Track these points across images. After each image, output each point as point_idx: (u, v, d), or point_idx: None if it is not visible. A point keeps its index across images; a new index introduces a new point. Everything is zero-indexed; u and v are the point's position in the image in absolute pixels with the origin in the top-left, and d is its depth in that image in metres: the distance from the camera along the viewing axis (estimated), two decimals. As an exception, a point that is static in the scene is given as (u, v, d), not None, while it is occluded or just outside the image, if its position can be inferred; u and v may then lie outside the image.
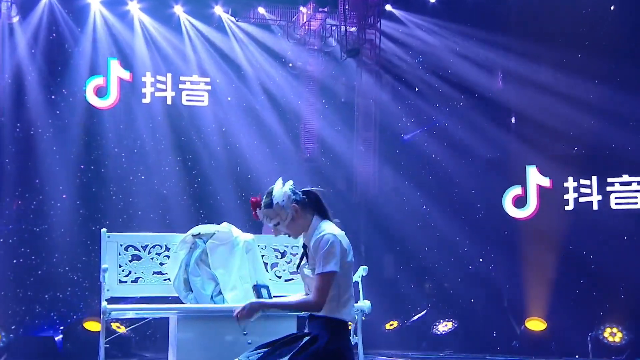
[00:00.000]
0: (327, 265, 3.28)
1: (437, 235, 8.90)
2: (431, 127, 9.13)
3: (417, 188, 9.10)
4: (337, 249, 3.30)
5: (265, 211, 3.39)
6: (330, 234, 3.31)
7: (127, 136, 8.56)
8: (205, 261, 4.44)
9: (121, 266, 4.35)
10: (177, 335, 4.19)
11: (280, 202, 3.37)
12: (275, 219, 3.38)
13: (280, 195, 3.40)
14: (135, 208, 8.47)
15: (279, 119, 9.02)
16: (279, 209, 3.36)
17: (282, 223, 3.38)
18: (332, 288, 3.32)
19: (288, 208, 3.37)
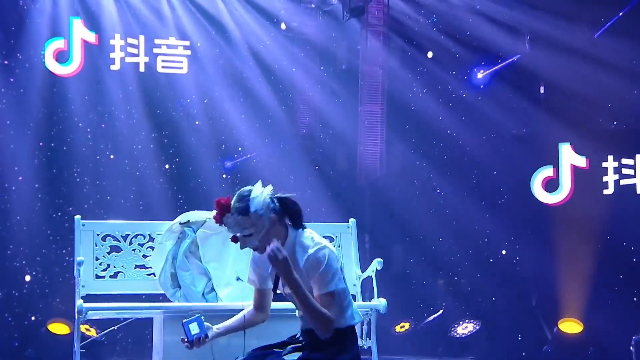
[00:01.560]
0: (333, 282, 3.30)
1: (454, 224, 8.94)
2: (447, 99, 9.14)
3: (431, 169, 9.11)
4: (337, 261, 3.36)
5: (237, 219, 3.31)
6: (322, 247, 3.33)
7: (93, 108, 8.52)
8: (196, 253, 4.47)
9: (98, 259, 4.39)
10: (163, 339, 4.22)
11: (259, 210, 3.31)
12: (250, 229, 3.32)
13: (260, 202, 3.33)
14: (103, 192, 8.45)
15: (270, 89, 8.99)
16: (256, 218, 3.30)
17: (255, 235, 3.32)
18: None
19: (266, 219, 3.31)
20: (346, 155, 9.33)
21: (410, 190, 9.13)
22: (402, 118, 9.25)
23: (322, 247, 3.32)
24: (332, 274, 3.28)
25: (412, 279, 8.97)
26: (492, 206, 8.82)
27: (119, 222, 4.51)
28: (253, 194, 3.33)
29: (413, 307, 8.76)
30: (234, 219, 3.31)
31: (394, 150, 9.25)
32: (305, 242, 3.35)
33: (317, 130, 9.21)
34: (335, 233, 4.85)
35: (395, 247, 9.11)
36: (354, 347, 3.45)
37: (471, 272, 8.84)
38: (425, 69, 9.16)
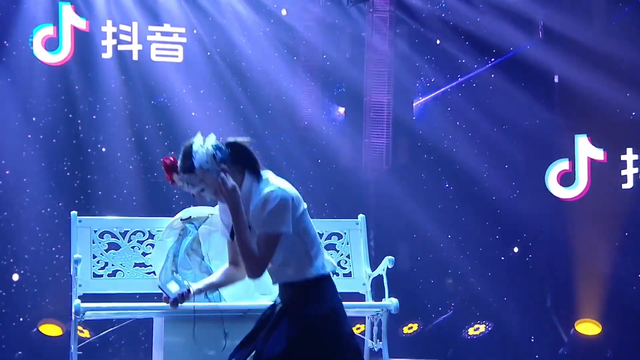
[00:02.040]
0: (277, 225, 3.33)
1: (462, 220, 8.94)
2: (455, 89, 9.13)
3: (438, 162, 9.12)
4: (287, 206, 3.36)
5: (185, 177, 3.37)
6: (279, 188, 3.35)
7: (84, 99, 8.50)
8: (198, 251, 4.47)
9: (95, 257, 4.40)
10: (163, 340, 4.23)
11: (203, 165, 3.35)
12: (200, 185, 3.37)
13: (203, 156, 3.37)
14: (94, 187, 8.44)
15: (270, 79, 8.98)
16: (203, 173, 3.34)
17: (207, 190, 3.37)
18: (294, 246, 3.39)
19: (214, 171, 3.34)
20: (350, 149, 9.33)
21: (417, 185, 9.13)
22: (408, 109, 9.24)
23: (276, 189, 3.34)
24: (275, 216, 3.31)
25: (420, 278, 8.98)
26: (504, 201, 8.82)
27: (118, 219, 4.51)
28: (194, 149, 3.38)
29: (421, 308, 8.77)
30: (182, 178, 3.37)
31: (401, 143, 9.26)
32: (261, 185, 3.38)
33: (319, 122, 9.21)
34: (343, 229, 4.85)
35: (402, 245, 9.12)
36: (331, 298, 3.45)
37: (482, 270, 8.85)
38: (434, 57, 9.15)
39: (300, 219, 3.45)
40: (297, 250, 3.45)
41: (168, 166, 3.41)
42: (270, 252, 3.37)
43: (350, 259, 4.84)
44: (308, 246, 3.45)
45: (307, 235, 3.47)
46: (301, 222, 3.45)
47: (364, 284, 4.80)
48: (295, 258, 3.45)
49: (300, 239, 3.45)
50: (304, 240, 3.46)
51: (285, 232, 3.36)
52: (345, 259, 4.82)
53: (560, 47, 8.68)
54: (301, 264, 3.44)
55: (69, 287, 5.42)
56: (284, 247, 3.43)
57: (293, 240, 3.44)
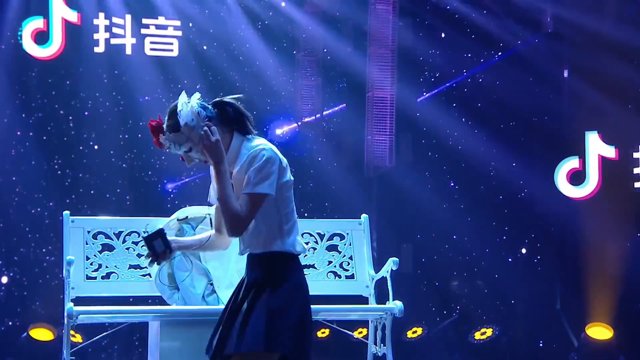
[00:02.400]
0: (261, 184, 3.34)
1: (468, 220, 8.95)
2: (461, 84, 9.13)
3: (443, 160, 9.13)
4: (275, 166, 3.38)
5: (171, 136, 3.42)
6: (264, 148, 3.39)
7: (76, 94, 8.51)
8: (195, 252, 4.45)
9: (89, 258, 4.39)
10: (159, 345, 4.23)
11: (189, 122, 3.40)
12: (186, 144, 3.41)
13: (188, 113, 3.43)
14: (86, 186, 8.45)
15: (269, 74, 8.98)
16: (189, 130, 3.40)
17: (194, 148, 3.41)
18: (269, 215, 3.40)
19: (200, 128, 3.39)
20: (352, 146, 9.33)
21: (422, 184, 9.13)
22: (412, 105, 9.25)
23: (264, 148, 3.38)
24: (261, 175, 3.34)
25: (424, 280, 8.99)
26: (512, 200, 8.83)
27: (112, 219, 4.52)
28: (179, 107, 3.45)
29: (425, 311, 8.78)
30: (168, 138, 3.42)
31: (405, 140, 9.26)
32: (249, 144, 3.43)
33: (320, 118, 9.21)
34: (346, 230, 4.85)
35: (405, 246, 9.14)
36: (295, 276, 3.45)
37: (488, 272, 8.86)
38: (439, 50, 9.15)
39: (283, 188, 3.44)
40: (272, 220, 3.44)
41: (154, 127, 3.46)
42: (252, 211, 3.36)
43: (353, 261, 4.84)
44: (283, 219, 3.45)
45: (285, 207, 3.46)
46: (283, 192, 3.44)
47: (367, 287, 4.79)
48: (267, 228, 3.44)
49: (277, 209, 3.43)
50: (280, 211, 3.44)
51: (269, 194, 3.36)
52: (347, 260, 4.82)
53: (569, 40, 8.68)
54: (272, 235, 3.43)
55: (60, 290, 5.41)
56: (259, 213, 3.41)
57: (270, 209, 3.42)
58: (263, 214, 3.42)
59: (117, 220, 4.51)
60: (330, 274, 4.69)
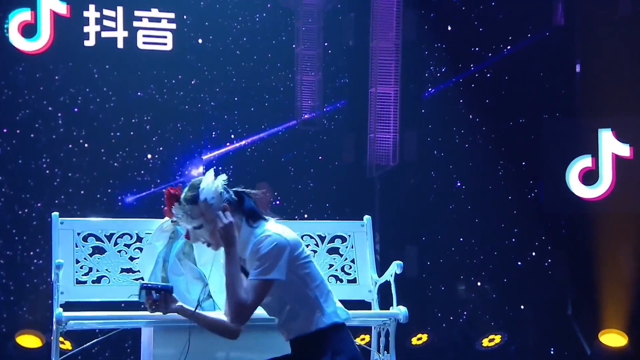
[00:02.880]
0: (267, 270, 3.48)
1: (476, 221, 8.97)
2: (468, 79, 9.13)
3: (450, 159, 9.13)
4: (283, 252, 3.51)
5: (187, 208, 3.58)
6: (275, 233, 3.52)
7: (65, 90, 8.52)
8: (190, 255, 4.46)
9: (79, 261, 4.39)
10: (152, 352, 4.23)
11: (209, 199, 3.56)
12: (198, 219, 3.58)
13: (210, 191, 3.58)
14: (76, 186, 8.46)
15: (267, 69, 9.00)
16: (206, 207, 3.56)
17: (205, 227, 3.57)
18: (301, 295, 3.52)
19: (217, 209, 3.56)
20: (353, 144, 9.34)
21: (427, 184, 9.16)
22: (417, 101, 9.25)
23: (269, 235, 3.52)
24: (267, 260, 3.47)
25: (429, 284, 9.00)
26: (521, 201, 8.84)
27: (103, 220, 4.50)
28: (203, 183, 3.59)
29: (431, 317, 8.80)
30: (182, 209, 3.59)
31: (409, 138, 9.27)
32: (257, 231, 3.59)
33: (320, 115, 9.22)
34: (347, 232, 4.84)
35: (410, 248, 9.14)
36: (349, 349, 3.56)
37: (496, 276, 8.87)
38: (445, 44, 9.16)
39: (303, 265, 3.58)
40: (305, 298, 3.56)
41: (171, 195, 3.63)
42: (257, 298, 3.51)
43: (355, 264, 4.83)
44: (315, 292, 3.57)
45: (312, 281, 3.59)
46: (304, 268, 3.58)
47: (369, 291, 4.79)
48: (303, 307, 3.56)
49: (305, 286, 3.57)
50: (310, 286, 3.57)
51: (276, 279, 3.49)
52: (349, 264, 4.81)
53: (582, 34, 8.68)
54: (311, 312, 3.55)
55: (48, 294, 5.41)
56: (289, 296, 3.55)
57: (298, 288, 3.55)
58: (294, 296, 3.56)
59: (108, 221, 4.49)
60: (332, 278, 4.69)
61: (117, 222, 4.50)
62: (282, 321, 3.61)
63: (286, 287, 3.53)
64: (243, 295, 3.50)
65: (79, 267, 4.38)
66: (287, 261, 3.52)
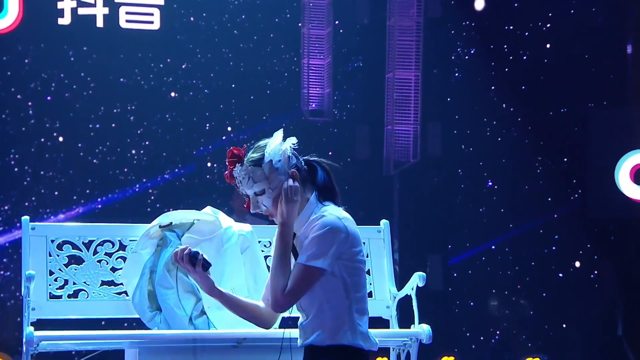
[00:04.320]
0: (316, 255, 3.47)
1: (510, 227, 8.97)
2: (501, 62, 9.13)
3: (480, 155, 9.14)
4: (337, 238, 3.49)
5: (250, 169, 3.60)
6: (334, 216, 3.51)
7: (37, 76, 8.55)
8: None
9: (53, 273, 4.40)
10: (138, 378, 4.23)
11: (275, 161, 3.58)
12: (262, 183, 3.59)
13: (278, 152, 3.59)
14: (49, 186, 8.50)
15: (269, 52, 9.02)
16: (270, 170, 3.57)
17: (268, 193, 3.58)
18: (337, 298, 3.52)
19: (284, 174, 3.56)
20: (368, 138, 9.35)
21: (453, 183, 9.16)
22: (442, 89, 9.24)
23: (331, 216, 3.53)
24: (317, 244, 3.47)
25: (456, 298, 9.01)
26: (562, 203, 8.84)
27: (80, 225, 4.52)
28: (270, 143, 3.63)
29: (458, 336, 8.81)
30: (244, 170, 3.60)
31: (432, 130, 9.27)
32: (320, 210, 3.60)
33: (330, 105, 9.23)
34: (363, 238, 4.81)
35: (433, 257, 9.16)
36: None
37: (534, 290, 8.87)
38: (474, 22, 9.15)
39: (354, 268, 3.57)
40: (339, 305, 3.54)
41: (235, 154, 3.65)
42: (301, 286, 3.50)
43: (371, 276, 4.84)
44: (353, 305, 3.55)
45: (356, 290, 3.57)
46: (353, 272, 3.56)
47: (387, 307, 4.79)
48: (333, 314, 3.54)
49: (346, 292, 3.54)
50: (350, 295, 3.55)
51: (321, 268, 3.48)
52: (364, 275, 4.82)
53: (634, 9, 8.66)
54: (338, 324, 3.53)
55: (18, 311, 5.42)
56: (323, 295, 3.53)
57: (337, 290, 3.53)
58: (329, 298, 3.54)
59: (86, 227, 4.50)
60: (344, 292, 4.69)
61: (96, 227, 4.52)
62: (305, 321, 3.60)
63: (325, 284, 3.52)
64: (284, 281, 3.51)
65: (52, 280, 4.39)
66: (337, 252, 3.51)
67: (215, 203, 4.69)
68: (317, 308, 3.54)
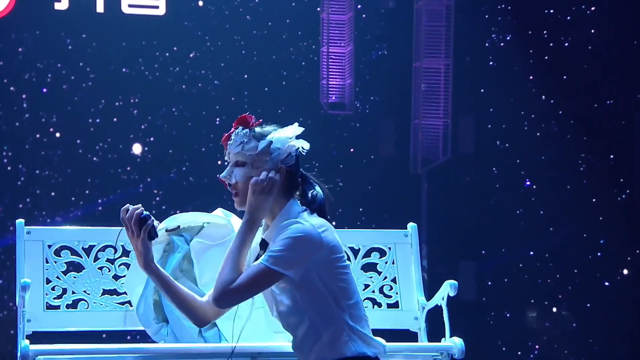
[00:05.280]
0: (280, 260, 3.52)
1: (550, 230, 8.96)
2: (540, 49, 9.11)
3: (516, 151, 9.14)
4: (308, 247, 3.55)
5: (248, 137, 3.72)
6: (310, 224, 3.57)
7: (31, 65, 8.59)
8: (190, 273, 4.48)
9: (50, 281, 4.40)
10: (143, 396, 4.25)
11: (274, 146, 3.69)
12: (248, 156, 3.70)
13: (283, 141, 3.71)
14: (45, 186, 8.55)
15: (284, 39, 9.04)
16: (264, 151, 3.68)
17: (247, 168, 3.70)
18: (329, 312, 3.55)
19: (273, 162, 3.68)
20: (394, 133, 9.36)
21: (487, 183, 9.16)
22: (475, 78, 9.24)
23: (305, 223, 3.58)
24: (282, 251, 3.53)
25: (491, 309, 9.01)
26: (609, 205, 8.82)
27: (80, 229, 4.53)
28: (280, 131, 3.74)
29: (493, 351, 8.81)
30: (243, 135, 3.70)
31: (464, 125, 9.26)
32: (295, 214, 3.67)
33: (351, 97, 9.23)
34: (387, 244, 4.84)
35: (465, 264, 9.15)
36: None
37: (578, 300, 8.86)
38: (510, 5, 9.14)
39: (338, 275, 3.60)
40: (330, 316, 3.57)
41: (245, 119, 3.73)
42: (252, 285, 3.57)
43: (397, 284, 4.83)
44: (347, 312, 3.58)
45: (346, 298, 3.59)
46: (338, 279, 3.59)
47: (416, 319, 4.78)
48: (327, 327, 3.57)
49: (335, 302, 3.57)
50: (340, 304, 3.58)
51: (285, 275, 3.53)
52: (389, 284, 4.81)
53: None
54: (336, 335, 3.56)
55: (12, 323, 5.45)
56: (310, 309, 3.57)
57: (324, 302, 3.56)
58: (319, 311, 3.58)
59: (86, 230, 4.50)
60: (367, 302, 4.69)
61: (97, 231, 4.53)
62: (298, 341, 3.61)
63: (308, 296, 3.54)
64: (234, 276, 3.57)
65: (50, 289, 4.40)
66: (307, 260, 3.54)
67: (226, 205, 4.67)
68: (308, 324, 3.56)
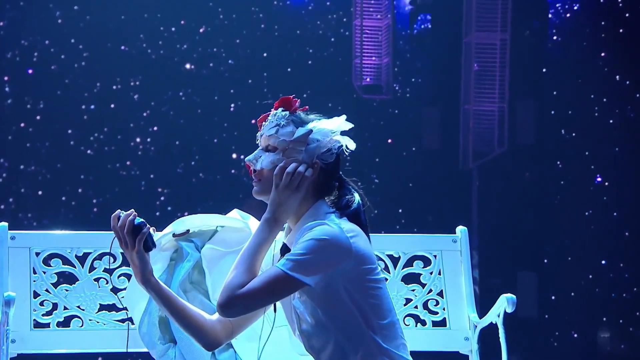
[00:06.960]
0: (299, 267, 3.52)
1: (626, 235, 8.97)
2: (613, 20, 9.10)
3: (585, 142, 9.15)
4: (333, 252, 3.55)
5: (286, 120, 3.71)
6: (339, 228, 3.57)
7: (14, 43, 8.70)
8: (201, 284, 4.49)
9: (38, 295, 4.43)
10: None
11: (313, 137, 3.67)
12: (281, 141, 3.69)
13: (324, 133, 3.69)
14: (32, 184, 8.63)
15: (310, 11, 9.07)
16: (300, 140, 3.67)
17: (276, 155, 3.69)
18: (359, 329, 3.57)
19: (308, 155, 3.67)
20: (440, 121, 9.36)
21: (550, 179, 9.16)
22: (536, 55, 9.24)
23: (328, 224, 3.58)
24: (303, 255, 3.53)
25: (555, 327, 9.02)
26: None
27: (72, 233, 4.54)
28: (326, 121, 3.72)
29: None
30: (282, 117, 3.68)
31: (523, 111, 9.26)
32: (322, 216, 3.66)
33: (389, 79, 9.24)
34: (432, 251, 4.85)
35: (524, 275, 9.15)
36: None
37: (658, 318, 8.87)
38: (578, -29, 9.18)
39: (369, 290, 3.59)
40: (360, 336, 3.57)
41: (288, 100, 3.72)
42: (264, 292, 3.54)
43: (444, 299, 4.84)
44: (379, 333, 3.58)
45: (378, 317, 3.59)
46: (368, 295, 3.59)
47: (466, 339, 4.79)
48: (356, 349, 3.57)
49: (365, 320, 3.57)
50: (371, 323, 3.58)
51: (304, 284, 3.53)
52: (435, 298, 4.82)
53: None
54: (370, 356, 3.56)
55: (-6, 343, 5.48)
56: (336, 328, 3.57)
57: (352, 320, 3.56)
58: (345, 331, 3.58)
59: (80, 235, 4.51)
60: (409, 319, 4.71)
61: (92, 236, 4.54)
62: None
63: (333, 313, 3.54)
64: (245, 279, 3.55)
65: (38, 304, 4.42)
66: (334, 270, 3.53)
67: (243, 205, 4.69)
68: (332, 346, 3.57)
